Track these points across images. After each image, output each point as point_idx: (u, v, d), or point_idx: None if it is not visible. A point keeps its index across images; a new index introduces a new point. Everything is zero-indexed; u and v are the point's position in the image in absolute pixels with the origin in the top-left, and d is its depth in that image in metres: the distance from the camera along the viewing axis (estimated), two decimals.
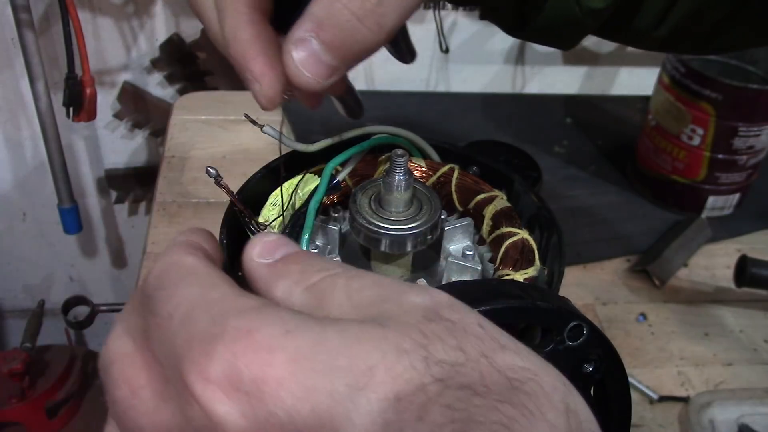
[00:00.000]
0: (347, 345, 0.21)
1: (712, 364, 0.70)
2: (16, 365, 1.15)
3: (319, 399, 0.20)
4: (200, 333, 0.21)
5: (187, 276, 0.24)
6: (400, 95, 1.10)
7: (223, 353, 0.21)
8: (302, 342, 0.21)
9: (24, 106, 1.17)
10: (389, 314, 0.22)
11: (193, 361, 0.21)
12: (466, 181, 0.48)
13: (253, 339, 0.21)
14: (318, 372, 0.20)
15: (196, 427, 0.21)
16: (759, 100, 0.80)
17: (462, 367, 0.21)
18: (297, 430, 0.20)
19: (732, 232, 0.87)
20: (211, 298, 0.23)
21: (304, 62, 0.30)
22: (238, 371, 0.20)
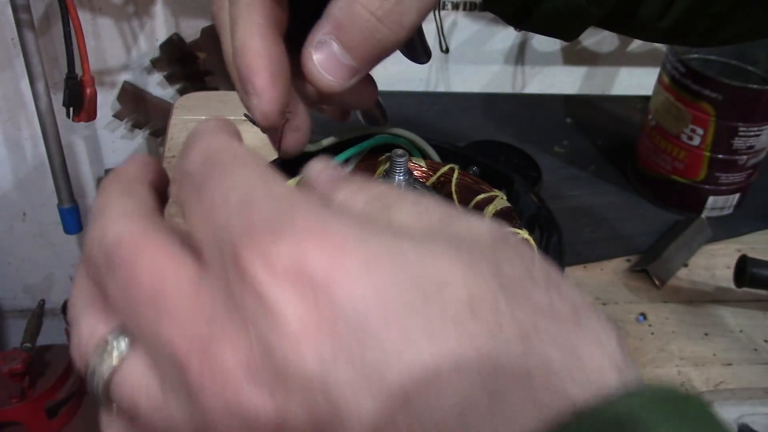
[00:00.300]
0: (422, 256, 0.20)
1: (712, 364, 0.70)
2: (16, 365, 1.15)
3: (388, 298, 0.19)
4: (265, 220, 0.19)
5: (240, 161, 0.22)
6: (400, 95, 1.10)
7: (292, 243, 0.19)
8: (377, 248, 0.19)
9: (24, 106, 1.17)
10: (460, 235, 0.21)
11: (254, 246, 0.19)
12: (466, 181, 0.48)
13: (326, 235, 0.19)
14: (392, 273, 0.19)
15: (249, 311, 0.19)
16: (759, 100, 0.80)
17: (532, 288, 0.20)
18: (365, 327, 0.18)
19: (732, 232, 0.87)
20: (274, 189, 0.21)
21: (324, 64, 0.30)
22: (307, 264, 0.19)
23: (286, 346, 0.18)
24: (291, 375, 0.19)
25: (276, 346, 0.19)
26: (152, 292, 0.20)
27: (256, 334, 0.19)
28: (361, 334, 0.18)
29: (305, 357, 0.18)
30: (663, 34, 0.47)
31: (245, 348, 0.19)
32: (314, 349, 0.18)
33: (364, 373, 0.18)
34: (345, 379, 0.18)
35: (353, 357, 0.18)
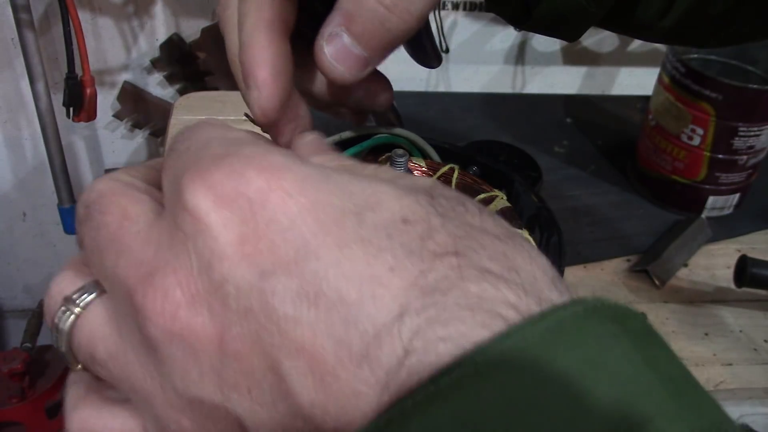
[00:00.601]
0: (358, 179, 0.21)
1: (712, 364, 0.70)
2: (16, 365, 1.15)
3: (325, 211, 0.19)
4: (212, 155, 0.21)
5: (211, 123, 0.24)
6: (400, 95, 1.10)
7: (233, 164, 0.20)
8: (315, 170, 0.21)
9: (24, 106, 1.17)
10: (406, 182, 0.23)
11: (196, 175, 0.20)
12: (466, 181, 0.48)
13: (266, 159, 0.20)
14: (329, 191, 0.20)
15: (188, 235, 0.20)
16: (759, 100, 0.80)
17: (465, 212, 0.21)
18: (300, 237, 0.19)
19: (732, 232, 0.87)
20: (231, 135, 0.22)
21: (336, 56, 0.31)
22: (245, 180, 0.20)
23: (224, 261, 0.19)
24: (229, 291, 0.19)
25: (213, 264, 0.19)
26: (114, 235, 0.21)
27: (196, 256, 0.19)
28: (298, 244, 0.19)
29: (243, 272, 0.19)
30: (664, 34, 0.47)
31: (185, 272, 0.19)
32: (252, 263, 0.19)
33: (302, 283, 0.19)
34: (283, 290, 0.19)
35: (290, 268, 0.19)
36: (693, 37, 0.49)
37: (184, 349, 0.19)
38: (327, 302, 0.19)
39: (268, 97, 0.32)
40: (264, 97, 0.32)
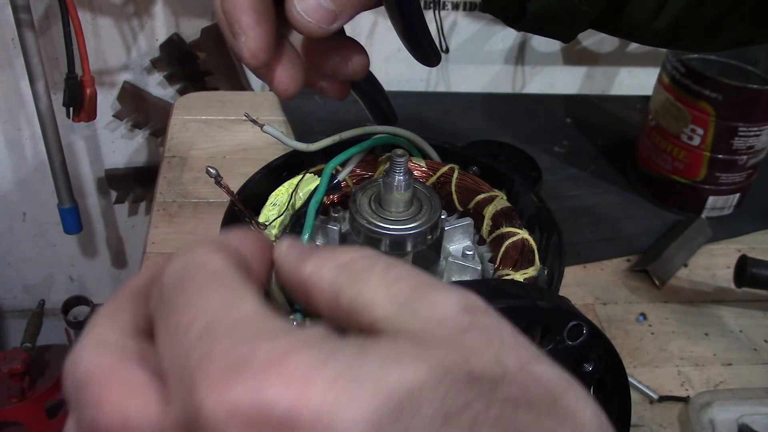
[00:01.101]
0: (389, 366, 0.19)
1: (712, 364, 0.70)
2: (16, 365, 1.15)
3: (367, 425, 0.18)
4: (223, 352, 0.19)
5: (211, 282, 0.21)
6: (400, 95, 1.10)
7: (251, 378, 0.18)
8: (341, 369, 0.18)
9: (24, 106, 1.17)
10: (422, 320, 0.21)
11: (212, 383, 0.18)
12: (466, 181, 0.48)
13: (287, 364, 0.18)
14: (361, 399, 0.18)
15: None
16: (759, 100, 0.80)
17: (504, 380, 0.20)
18: None
19: (732, 232, 0.87)
20: (238, 314, 0.20)
21: (306, 8, 0.32)
22: (268, 401, 0.18)
23: None
24: None
25: None
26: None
27: None
28: None
29: None
30: (657, 36, 0.47)
31: None
32: None
33: None
34: None
35: None
36: (687, 40, 0.49)
37: None
38: None
39: (255, 39, 0.33)
40: (252, 39, 0.33)
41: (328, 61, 0.40)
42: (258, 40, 0.33)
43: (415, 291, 0.22)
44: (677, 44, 0.50)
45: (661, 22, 0.46)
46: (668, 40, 0.48)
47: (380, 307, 0.22)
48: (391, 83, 1.16)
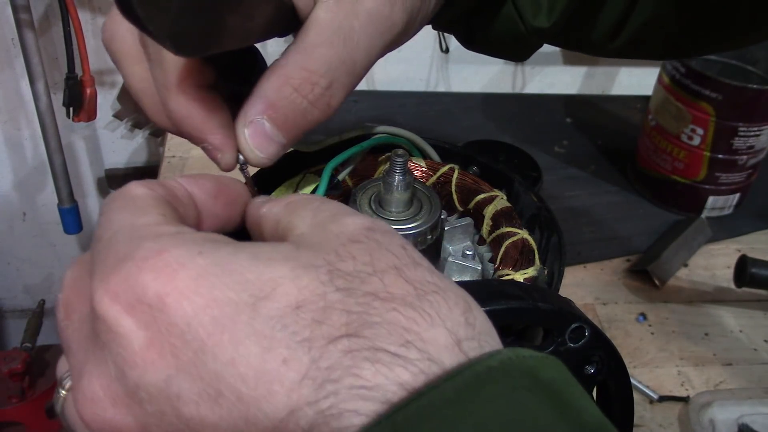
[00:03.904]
0: (257, 263, 0.22)
1: (712, 364, 0.70)
2: (16, 365, 1.15)
3: (220, 308, 0.21)
4: (116, 253, 0.22)
5: (126, 203, 0.25)
6: (400, 95, 1.10)
7: (130, 269, 0.21)
8: (213, 260, 0.22)
9: (24, 106, 1.17)
10: (324, 233, 0.24)
11: (101, 278, 0.22)
12: (466, 181, 0.48)
13: (161, 257, 0.22)
14: (223, 284, 0.21)
15: (104, 342, 0.22)
16: (759, 100, 0.80)
17: (368, 278, 0.22)
18: (197, 338, 0.20)
19: (732, 232, 0.87)
20: (137, 223, 0.24)
21: (257, 143, 0.32)
22: (142, 286, 0.21)
23: (134, 369, 0.21)
24: (142, 394, 0.21)
25: (126, 369, 0.21)
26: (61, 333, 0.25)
27: (112, 360, 0.22)
28: (197, 346, 0.20)
29: (151, 378, 0.21)
30: (616, 53, 0.48)
31: (107, 378, 0.22)
32: (158, 369, 0.21)
33: (204, 385, 0.20)
34: (187, 391, 0.20)
35: (192, 371, 0.20)
36: (647, 53, 0.50)
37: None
38: (227, 402, 0.20)
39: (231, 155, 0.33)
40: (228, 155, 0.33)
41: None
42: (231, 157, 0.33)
43: (333, 216, 0.25)
44: (637, 56, 0.51)
45: (618, 42, 0.47)
46: (626, 54, 0.49)
47: (301, 227, 0.25)
48: (391, 83, 1.16)
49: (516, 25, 0.45)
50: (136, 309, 0.21)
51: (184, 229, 0.24)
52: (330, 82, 0.31)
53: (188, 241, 0.22)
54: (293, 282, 0.21)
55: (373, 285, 0.22)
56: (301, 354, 0.20)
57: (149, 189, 0.26)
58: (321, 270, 0.22)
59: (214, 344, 0.20)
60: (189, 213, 0.28)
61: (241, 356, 0.20)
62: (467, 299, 0.23)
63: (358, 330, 0.20)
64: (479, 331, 0.22)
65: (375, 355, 0.20)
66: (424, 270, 0.23)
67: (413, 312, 0.21)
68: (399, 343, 0.20)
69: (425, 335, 0.21)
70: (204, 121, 0.32)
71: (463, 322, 0.22)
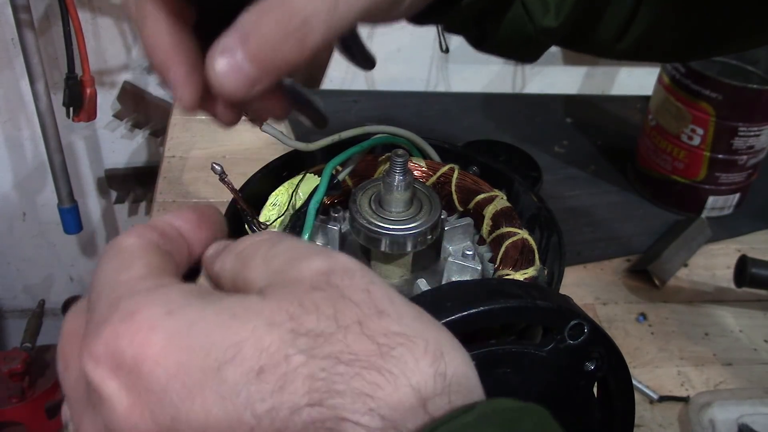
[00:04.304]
0: (222, 321, 0.22)
1: (712, 364, 0.70)
2: (16, 365, 1.15)
3: (190, 374, 0.21)
4: (97, 317, 0.24)
5: (114, 257, 0.27)
6: (400, 95, 1.10)
7: (108, 334, 0.23)
8: (181, 321, 0.23)
9: (24, 106, 1.17)
10: (284, 283, 0.24)
11: (86, 341, 0.23)
12: (466, 181, 0.48)
13: (134, 321, 0.23)
14: (191, 349, 0.22)
15: (94, 403, 0.23)
16: (759, 100, 0.80)
17: (331, 336, 0.22)
18: (173, 404, 0.21)
19: (732, 232, 0.87)
20: (118, 280, 0.25)
21: (226, 71, 0.31)
22: (120, 350, 0.22)
23: (118, 428, 0.22)
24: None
25: (112, 429, 0.23)
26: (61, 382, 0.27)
27: (101, 420, 0.23)
28: (173, 412, 0.22)
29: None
30: (623, 54, 0.48)
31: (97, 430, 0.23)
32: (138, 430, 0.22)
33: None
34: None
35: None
36: (651, 56, 0.50)
37: None
38: None
39: (191, 91, 0.33)
40: (187, 91, 0.33)
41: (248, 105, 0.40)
42: (194, 90, 0.33)
43: (289, 261, 0.25)
44: (645, 59, 0.51)
45: (624, 44, 0.47)
46: (633, 56, 0.49)
47: (258, 282, 0.25)
48: (391, 83, 1.16)
49: (525, 25, 0.45)
50: (118, 373, 0.22)
51: (160, 281, 0.25)
52: (306, 17, 0.30)
53: (160, 298, 0.24)
54: (255, 344, 0.22)
55: (337, 345, 0.22)
56: (267, 425, 0.21)
57: (138, 238, 0.28)
58: (283, 328, 0.22)
59: (187, 411, 0.21)
60: (181, 248, 0.29)
61: (211, 425, 0.21)
62: (440, 343, 0.23)
63: (321, 399, 0.21)
64: (451, 381, 0.22)
65: (339, 426, 0.20)
66: (389, 319, 0.23)
67: (377, 375, 0.21)
68: (363, 412, 0.20)
69: (389, 400, 0.21)
70: (170, 53, 0.33)
71: (431, 374, 0.22)
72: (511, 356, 0.33)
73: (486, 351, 0.33)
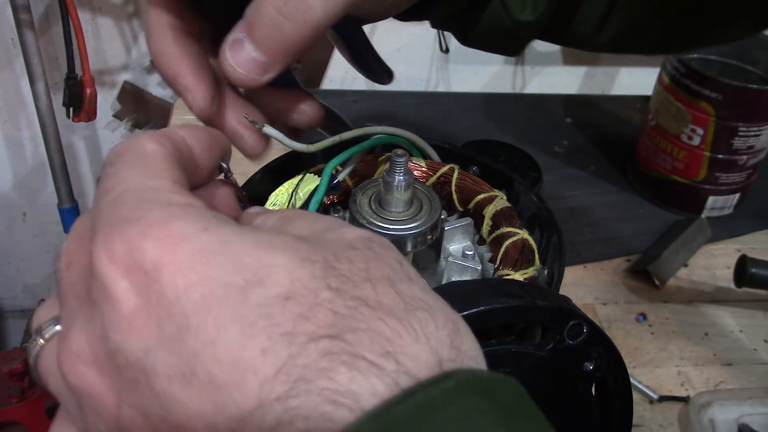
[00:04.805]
0: (258, 247, 0.22)
1: (712, 364, 0.70)
2: (16, 365, 1.15)
3: (211, 287, 0.20)
4: (121, 214, 0.22)
5: (137, 160, 0.25)
6: (400, 95, 1.10)
7: (133, 235, 0.21)
8: (217, 237, 0.21)
9: (24, 106, 1.17)
10: (323, 239, 0.24)
11: (104, 237, 0.22)
12: (466, 181, 0.48)
13: (167, 227, 0.21)
14: (220, 264, 0.21)
15: (96, 300, 0.22)
16: (759, 100, 0.80)
17: (362, 283, 0.22)
18: (183, 314, 0.20)
19: (732, 232, 0.87)
20: (148, 186, 0.24)
21: (237, 60, 0.33)
22: (142, 252, 0.21)
23: (118, 333, 0.21)
24: (121, 359, 0.21)
25: (110, 331, 0.21)
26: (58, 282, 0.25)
27: (101, 322, 0.21)
28: (181, 322, 0.20)
29: (131, 345, 0.21)
30: (604, 47, 0.49)
31: (93, 335, 0.22)
32: (140, 337, 0.20)
33: (180, 362, 0.20)
34: (163, 365, 0.20)
35: (172, 346, 0.20)
36: (633, 49, 0.51)
37: (90, 405, 0.22)
38: (199, 383, 0.20)
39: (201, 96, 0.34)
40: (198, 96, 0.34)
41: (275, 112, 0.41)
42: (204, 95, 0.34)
43: (330, 227, 0.25)
44: (624, 51, 0.52)
45: (604, 37, 0.48)
46: (614, 48, 0.50)
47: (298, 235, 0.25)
48: (392, 83, 1.16)
49: (503, 20, 0.46)
50: (132, 273, 0.21)
51: (193, 201, 0.24)
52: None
53: (196, 215, 0.22)
54: (288, 272, 0.21)
55: (365, 291, 0.22)
56: (281, 347, 0.20)
57: (160, 145, 0.26)
58: (317, 265, 0.22)
59: (197, 323, 0.20)
60: (189, 168, 0.28)
61: (222, 340, 0.20)
62: (457, 322, 0.23)
63: (341, 333, 0.20)
64: (464, 355, 0.22)
65: (353, 361, 0.20)
66: (417, 286, 0.23)
67: (399, 325, 0.21)
68: (378, 353, 0.20)
69: (407, 349, 0.21)
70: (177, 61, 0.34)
71: (448, 343, 0.22)
72: (511, 356, 0.33)
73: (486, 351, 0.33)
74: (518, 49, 0.50)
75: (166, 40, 0.34)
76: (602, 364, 0.35)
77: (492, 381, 0.21)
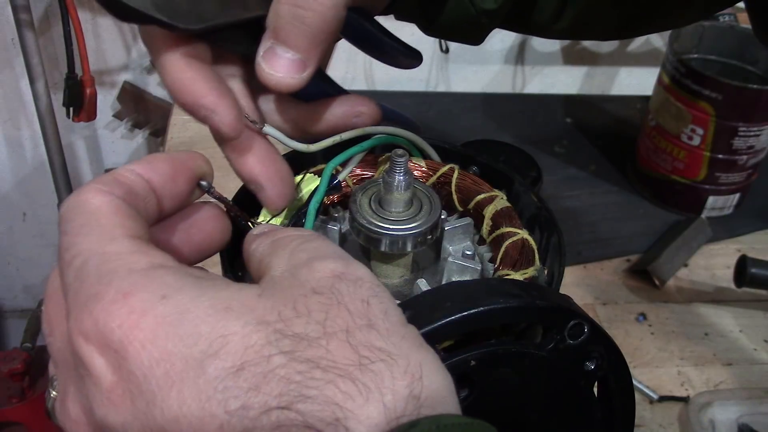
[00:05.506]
0: (215, 313, 0.23)
1: (712, 364, 0.70)
2: (16, 365, 1.15)
3: (173, 363, 0.22)
4: (87, 290, 0.24)
5: (90, 222, 0.26)
6: (400, 95, 1.10)
7: (99, 315, 0.23)
8: (174, 307, 0.23)
9: (24, 106, 1.17)
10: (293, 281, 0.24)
11: (76, 317, 0.23)
12: (466, 181, 0.48)
13: (128, 303, 0.23)
14: (179, 337, 0.22)
15: (81, 375, 0.23)
16: (759, 100, 0.80)
17: (315, 341, 0.22)
18: (150, 390, 0.22)
19: (732, 232, 0.87)
20: (105, 251, 0.25)
21: (273, 66, 0.33)
22: (109, 330, 0.22)
23: (100, 407, 0.23)
24: (107, 430, 0.23)
25: (94, 406, 0.23)
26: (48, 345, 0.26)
27: (86, 393, 0.23)
28: (150, 398, 0.22)
29: (112, 419, 0.23)
30: (562, 34, 0.50)
31: (83, 404, 0.24)
32: (118, 411, 0.22)
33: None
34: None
35: (144, 421, 0.22)
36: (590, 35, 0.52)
37: None
38: None
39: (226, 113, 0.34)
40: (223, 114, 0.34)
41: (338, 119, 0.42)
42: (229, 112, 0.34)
43: (308, 260, 0.25)
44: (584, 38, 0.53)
45: (561, 24, 0.49)
46: (573, 35, 0.51)
47: (275, 269, 0.26)
48: (392, 83, 1.16)
49: (467, 9, 0.46)
50: (106, 351, 0.22)
51: (154, 258, 0.25)
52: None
53: (156, 281, 0.23)
54: (242, 339, 0.22)
55: (318, 350, 0.22)
56: (236, 422, 0.21)
57: (108, 195, 0.27)
58: (271, 328, 0.22)
59: (162, 398, 0.21)
60: (149, 205, 0.28)
61: (184, 416, 0.21)
62: (421, 365, 0.22)
63: (292, 403, 0.21)
64: (423, 403, 0.22)
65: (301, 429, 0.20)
66: (376, 334, 0.23)
67: (351, 385, 0.21)
68: (328, 421, 0.21)
69: (358, 412, 0.21)
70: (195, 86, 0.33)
71: (405, 395, 0.21)
72: (511, 356, 0.33)
73: (486, 351, 0.33)
74: (480, 38, 0.50)
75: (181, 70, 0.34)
76: (603, 363, 0.35)
77: (459, 428, 0.21)
